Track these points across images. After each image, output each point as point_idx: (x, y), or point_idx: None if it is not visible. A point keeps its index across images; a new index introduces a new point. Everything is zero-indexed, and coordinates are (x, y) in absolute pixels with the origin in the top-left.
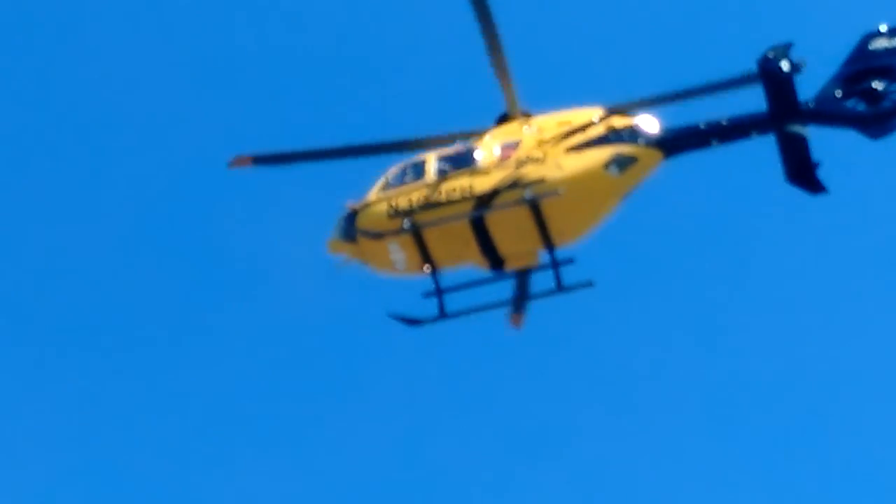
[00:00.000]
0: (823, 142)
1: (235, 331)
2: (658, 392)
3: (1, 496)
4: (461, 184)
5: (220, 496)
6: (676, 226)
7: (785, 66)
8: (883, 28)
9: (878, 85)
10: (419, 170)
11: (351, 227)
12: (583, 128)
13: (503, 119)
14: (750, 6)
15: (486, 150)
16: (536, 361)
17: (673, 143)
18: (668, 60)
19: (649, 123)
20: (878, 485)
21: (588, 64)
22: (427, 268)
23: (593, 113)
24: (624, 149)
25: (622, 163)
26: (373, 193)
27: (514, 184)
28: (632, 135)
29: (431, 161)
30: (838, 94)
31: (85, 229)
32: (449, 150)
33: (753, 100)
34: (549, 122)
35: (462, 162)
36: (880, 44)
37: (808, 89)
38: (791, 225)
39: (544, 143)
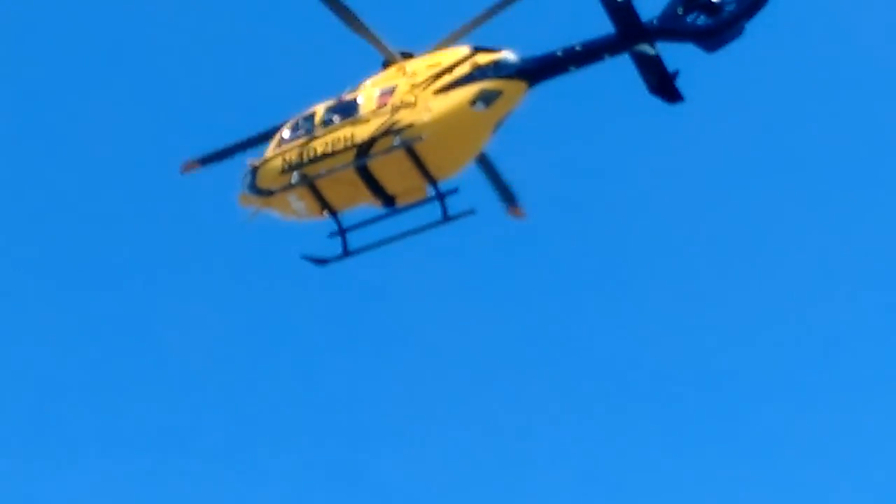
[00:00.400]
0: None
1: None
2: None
3: None
4: (344, 134)
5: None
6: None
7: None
8: None
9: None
10: (309, 123)
11: (253, 183)
12: (450, 68)
13: (385, 65)
14: None
15: (367, 97)
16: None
17: (534, 72)
18: None
19: (511, 57)
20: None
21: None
22: (325, 213)
23: (460, 52)
24: (488, 84)
25: (488, 98)
26: (269, 149)
27: (388, 131)
28: (496, 69)
29: (320, 113)
30: (679, 10)
31: None
32: (334, 101)
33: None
34: (421, 66)
35: (346, 111)
36: None
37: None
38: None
39: (416, 86)
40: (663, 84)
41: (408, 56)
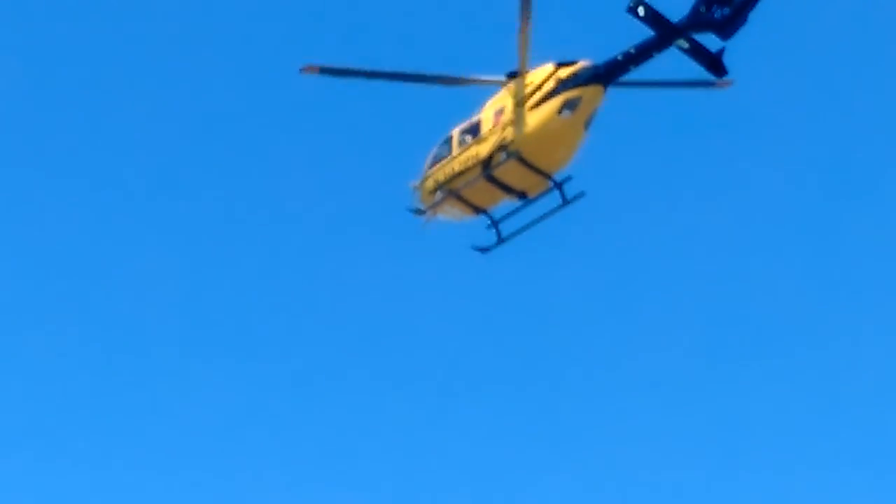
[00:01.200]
0: None
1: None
2: None
3: None
4: (471, 153)
5: None
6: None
7: (640, 11)
8: None
9: None
10: (448, 146)
11: (418, 200)
12: (540, 86)
13: (511, 75)
14: None
15: (485, 118)
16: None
17: (604, 75)
18: None
19: (587, 65)
20: None
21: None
22: (477, 213)
23: (546, 70)
24: (570, 93)
25: (571, 104)
26: (424, 171)
27: (500, 146)
28: (575, 79)
29: (455, 136)
30: (702, 8)
31: None
32: (465, 124)
33: None
34: (520, 86)
35: (473, 132)
36: None
37: None
38: None
39: (518, 103)
40: (712, 62)
41: (513, 75)
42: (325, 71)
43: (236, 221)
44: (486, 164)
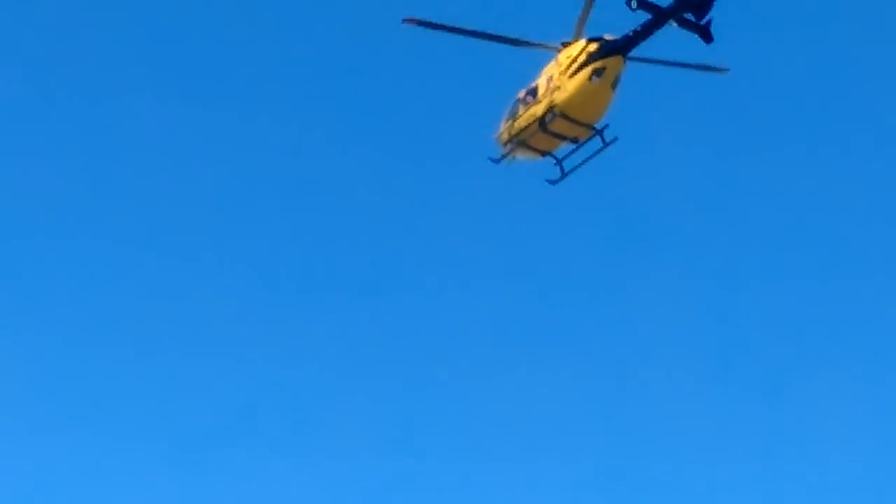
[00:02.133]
0: None
1: None
2: None
3: None
4: (531, 111)
5: None
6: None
7: (633, 4)
8: None
9: None
10: (516, 105)
11: (498, 147)
12: (575, 58)
13: (565, 44)
14: None
15: (541, 84)
16: None
17: (621, 48)
18: None
19: (608, 39)
20: None
21: None
22: (544, 154)
23: (580, 45)
24: (597, 63)
25: (598, 72)
26: (501, 125)
27: (549, 106)
28: (599, 51)
29: (521, 97)
30: None
31: None
32: (527, 88)
33: None
34: (563, 57)
35: (533, 94)
36: None
37: None
38: None
39: (561, 73)
40: (702, 32)
41: (566, 44)
42: (422, 23)
43: None
44: (542, 120)
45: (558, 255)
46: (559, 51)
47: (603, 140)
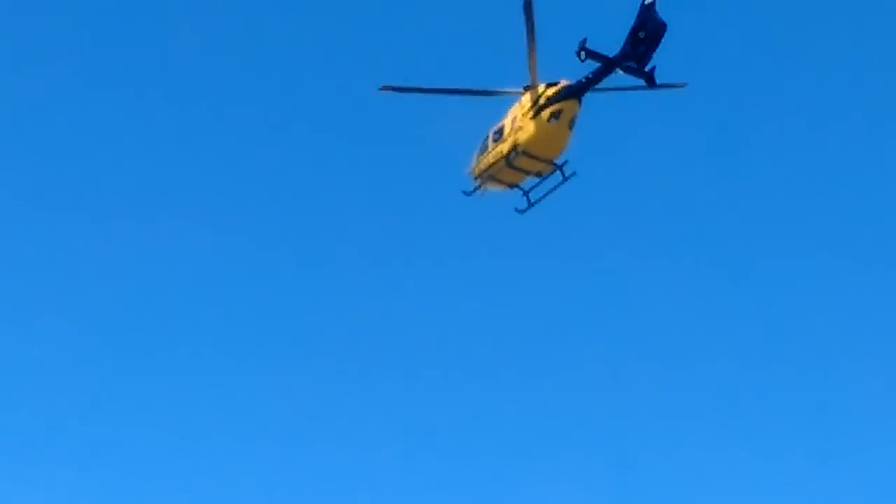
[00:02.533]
0: None
1: None
2: None
3: None
4: (498, 149)
5: None
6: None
7: (582, 55)
8: None
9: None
10: (485, 143)
11: (471, 180)
12: (535, 101)
13: (526, 87)
14: None
15: (507, 124)
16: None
17: (575, 93)
18: None
19: (564, 84)
20: None
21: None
22: (512, 187)
23: (540, 89)
24: (555, 106)
25: (556, 114)
26: (473, 161)
27: (514, 145)
28: (557, 96)
29: (490, 136)
30: (629, 48)
31: None
32: (495, 127)
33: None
34: (525, 100)
35: (500, 134)
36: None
37: None
38: None
39: (524, 115)
40: (647, 77)
41: (530, 88)
42: (397, 89)
43: None
44: (508, 157)
45: (528, 274)
46: (522, 94)
47: (563, 174)
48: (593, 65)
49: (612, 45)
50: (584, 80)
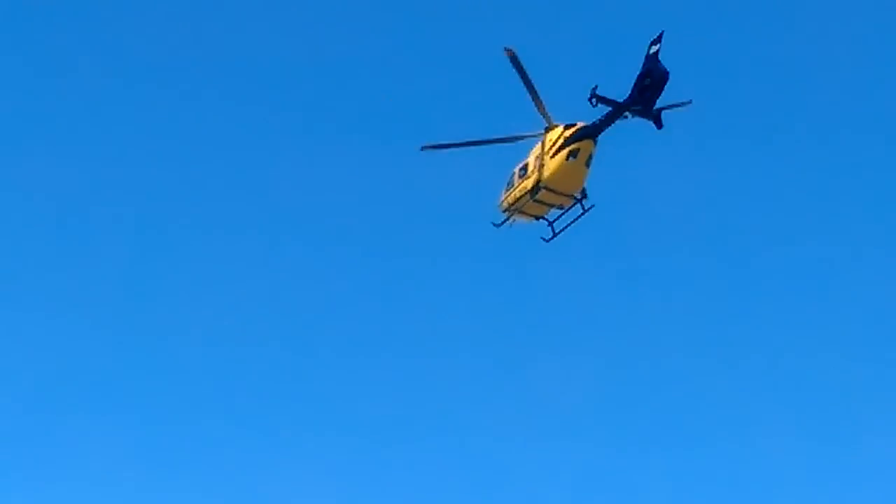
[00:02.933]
0: None
1: None
2: None
3: None
4: (523, 185)
5: None
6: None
7: (593, 101)
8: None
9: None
10: (512, 179)
11: (501, 212)
12: (556, 141)
13: (547, 129)
14: None
15: (530, 163)
16: None
17: (591, 133)
18: None
19: (580, 126)
20: None
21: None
22: (538, 218)
23: (559, 130)
24: (573, 146)
25: (574, 153)
26: (502, 195)
27: (537, 181)
28: (574, 136)
29: (516, 173)
30: (636, 93)
31: None
32: (520, 164)
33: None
34: (546, 139)
35: (524, 171)
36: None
37: None
38: None
39: (545, 153)
40: (655, 119)
41: (551, 127)
42: (437, 147)
43: None
44: (532, 192)
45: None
46: (544, 134)
47: (583, 207)
48: (604, 109)
49: (620, 90)
50: (597, 122)
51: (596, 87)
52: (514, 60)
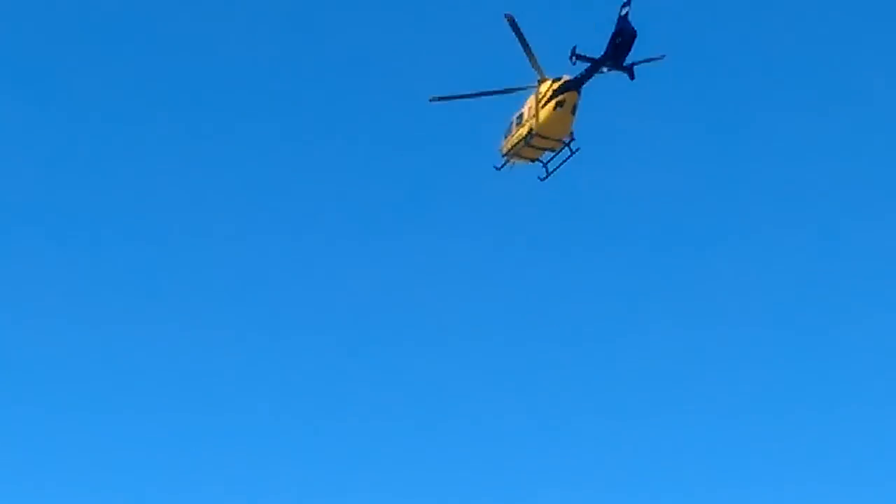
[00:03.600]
0: None
1: None
2: None
3: None
4: (519, 132)
5: None
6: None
7: (573, 60)
8: None
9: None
10: (510, 126)
11: (501, 156)
12: (545, 93)
13: (539, 82)
14: None
15: (526, 111)
16: None
17: (574, 85)
18: None
19: (566, 79)
20: None
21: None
22: (534, 160)
23: (549, 82)
24: (559, 97)
25: (560, 103)
26: (503, 141)
27: (531, 129)
28: (561, 88)
29: (513, 120)
30: (609, 51)
31: None
32: (517, 113)
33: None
34: (540, 90)
35: (520, 119)
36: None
37: None
38: None
39: (538, 102)
40: (628, 72)
41: (542, 81)
42: (443, 98)
43: None
44: (526, 138)
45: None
46: (537, 86)
47: (570, 150)
48: (584, 65)
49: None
50: (579, 75)
51: (575, 47)
52: (513, 24)
